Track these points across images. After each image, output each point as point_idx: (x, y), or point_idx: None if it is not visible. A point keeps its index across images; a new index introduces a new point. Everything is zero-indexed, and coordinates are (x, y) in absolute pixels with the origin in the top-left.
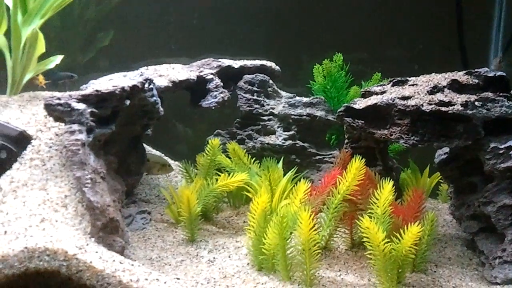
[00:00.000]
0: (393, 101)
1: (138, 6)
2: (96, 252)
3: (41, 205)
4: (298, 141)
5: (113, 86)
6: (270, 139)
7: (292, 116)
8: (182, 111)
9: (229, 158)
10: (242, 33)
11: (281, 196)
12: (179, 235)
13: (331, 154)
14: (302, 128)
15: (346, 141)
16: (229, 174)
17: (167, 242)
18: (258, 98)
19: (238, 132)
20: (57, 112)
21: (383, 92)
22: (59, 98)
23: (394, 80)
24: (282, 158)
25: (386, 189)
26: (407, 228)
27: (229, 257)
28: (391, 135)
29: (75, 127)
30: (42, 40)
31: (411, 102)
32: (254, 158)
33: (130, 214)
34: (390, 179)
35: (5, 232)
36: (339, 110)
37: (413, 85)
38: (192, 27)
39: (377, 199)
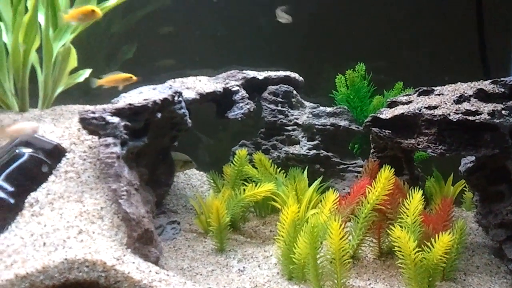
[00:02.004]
0: (420, 111)
1: (162, 19)
2: (133, 263)
3: (77, 217)
4: (322, 151)
5: (145, 100)
6: (295, 149)
7: (316, 126)
8: (205, 121)
9: (255, 168)
10: (263, 44)
11: (308, 206)
12: (208, 244)
13: (355, 163)
14: (326, 137)
15: (372, 150)
16: (255, 184)
17: (197, 252)
18: (282, 109)
19: (263, 142)
20: (92, 126)
21: (409, 102)
22: (93, 112)
23: (420, 90)
24: (307, 167)
25: (416, 198)
26: (437, 237)
27: (259, 266)
28: (419, 144)
29: (110, 140)
30: (74, 55)
31: (438, 112)
32: (279, 168)
33: (161, 225)
34: (418, 188)
35: (44, 243)
36: (366, 120)
37: (439, 94)
38: (215, 39)
39: (407, 208)
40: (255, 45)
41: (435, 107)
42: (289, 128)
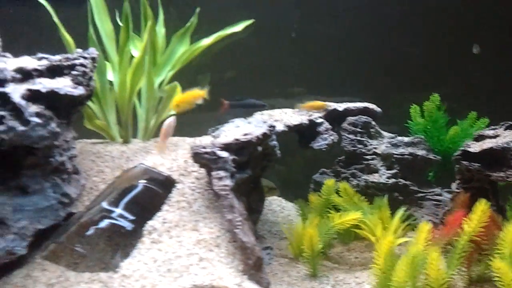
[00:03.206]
0: (508, 145)
1: (238, 51)
2: None
3: (196, 244)
4: (400, 179)
5: (247, 135)
6: (374, 177)
7: (395, 155)
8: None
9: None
10: (335, 74)
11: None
12: (301, 270)
13: (432, 191)
14: (404, 166)
15: (457, 181)
16: (340, 212)
17: (292, 277)
18: (362, 139)
19: (342, 170)
20: (204, 160)
21: (496, 136)
22: (204, 147)
23: (507, 124)
24: (386, 195)
25: (511, 229)
26: None
27: None
28: (508, 177)
29: (222, 173)
30: (179, 92)
31: None
32: (361, 196)
33: None
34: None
35: (169, 269)
36: (455, 154)
37: None
38: (288, 69)
39: (503, 239)
40: (325, 76)
41: None
42: (368, 157)
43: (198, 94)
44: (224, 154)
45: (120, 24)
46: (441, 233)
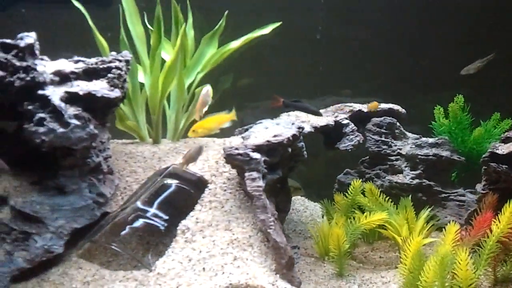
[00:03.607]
0: None
1: (262, 53)
2: (285, 287)
3: (229, 244)
4: (424, 180)
5: (277, 136)
6: (398, 178)
7: (419, 156)
8: None
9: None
10: (358, 75)
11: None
12: (328, 269)
13: (456, 192)
14: (428, 167)
15: (483, 182)
16: (365, 213)
17: (319, 276)
18: (386, 140)
19: (367, 171)
20: (237, 161)
21: None
22: (237, 149)
23: None
24: (410, 196)
25: None
26: None
27: None
28: None
29: (255, 174)
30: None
31: None
32: (385, 196)
33: None
34: None
35: (204, 268)
36: (484, 156)
37: None
38: (313, 71)
39: None
40: (349, 76)
41: None
42: (393, 158)
43: (223, 120)
44: (256, 155)
45: (149, 27)
46: (469, 233)
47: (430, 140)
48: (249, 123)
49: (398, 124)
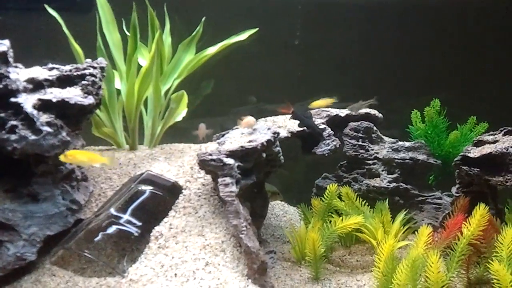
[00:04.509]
0: (507, 150)
1: (242, 59)
2: None
3: (202, 249)
4: (401, 183)
5: (252, 142)
6: (375, 182)
7: (396, 160)
8: None
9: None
10: (335, 80)
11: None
12: (304, 273)
13: (433, 195)
14: (405, 171)
15: (457, 185)
16: (339, 216)
17: (295, 280)
18: (363, 144)
19: (344, 175)
20: (210, 167)
21: (495, 141)
22: (211, 154)
23: (505, 130)
24: (387, 199)
25: (509, 233)
26: None
27: None
28: (507, 182)
29: (228, 180)
30: (185, 100)
31: None
32: (362, 200)
33: None
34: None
35: (175, 274)
36: (455, 159)
37: None
38: (288, 76)
39: (501, 243)
40: (327, 81)
41: None
42: (370, 162)
43: (96, 159)
44: (230, 161)
45: (127, 33)
46: (441, 236)
47: (407, 144)
48: (229, 128)
49: (375, 128)
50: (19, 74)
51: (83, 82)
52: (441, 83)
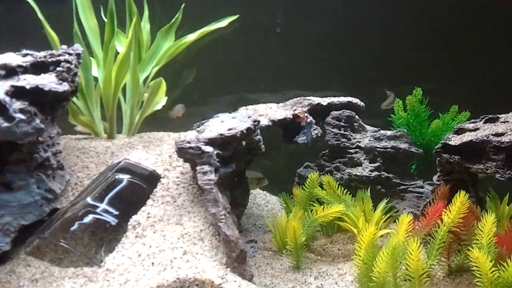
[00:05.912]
0: (487, 138)
1: (223, 48)
2: (235, 281)
3: (180, 238)
4: (383, 172)
5: (231, 129)
6: (357, 171)
7: (378, 149)
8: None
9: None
10: (319, 69)
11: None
12: (285, 262)
13: (414, 184)
14: (387, 159)
15: (438, 174)
16: (321, 205)
17: (276, 269)
18: (345, 133)
19: (326, 164)
20: (188, 155)
21: (476, 129)
22: (189, 142)
23: (486, 118)
24: (369, 188)
25: (489, 220)
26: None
27: (336, 283)
28: (487, 169)
29: (207, 168)
30: (164, 88)
31: (505, 139)
32: (344, 189)
33: None
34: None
35: (152, 263)
36: (436, 147)
37: (504, 122)
38: (274, 65)
39: (481, 230)
40: (310, 70)
41: (502, 134)
42: (352, 151)
43: None
44: (208, 149)
45: (105, 20)
46: (421, 224)
47: (389, 132)
48: (210, 117)
49: (357, 117)
50: None
51: (58, 68)
52: (423, 73)
